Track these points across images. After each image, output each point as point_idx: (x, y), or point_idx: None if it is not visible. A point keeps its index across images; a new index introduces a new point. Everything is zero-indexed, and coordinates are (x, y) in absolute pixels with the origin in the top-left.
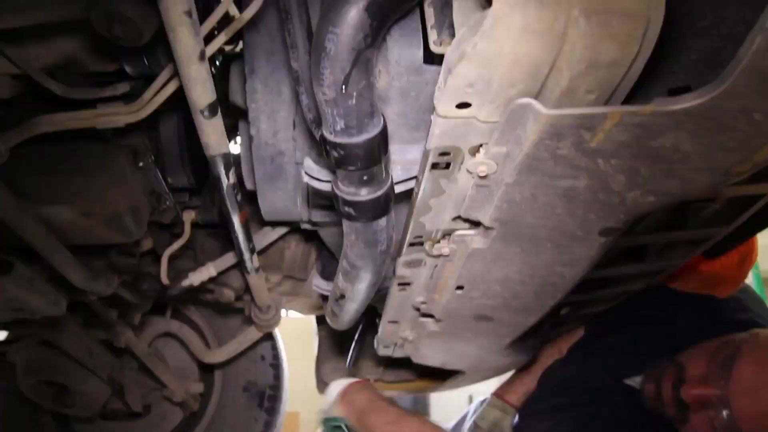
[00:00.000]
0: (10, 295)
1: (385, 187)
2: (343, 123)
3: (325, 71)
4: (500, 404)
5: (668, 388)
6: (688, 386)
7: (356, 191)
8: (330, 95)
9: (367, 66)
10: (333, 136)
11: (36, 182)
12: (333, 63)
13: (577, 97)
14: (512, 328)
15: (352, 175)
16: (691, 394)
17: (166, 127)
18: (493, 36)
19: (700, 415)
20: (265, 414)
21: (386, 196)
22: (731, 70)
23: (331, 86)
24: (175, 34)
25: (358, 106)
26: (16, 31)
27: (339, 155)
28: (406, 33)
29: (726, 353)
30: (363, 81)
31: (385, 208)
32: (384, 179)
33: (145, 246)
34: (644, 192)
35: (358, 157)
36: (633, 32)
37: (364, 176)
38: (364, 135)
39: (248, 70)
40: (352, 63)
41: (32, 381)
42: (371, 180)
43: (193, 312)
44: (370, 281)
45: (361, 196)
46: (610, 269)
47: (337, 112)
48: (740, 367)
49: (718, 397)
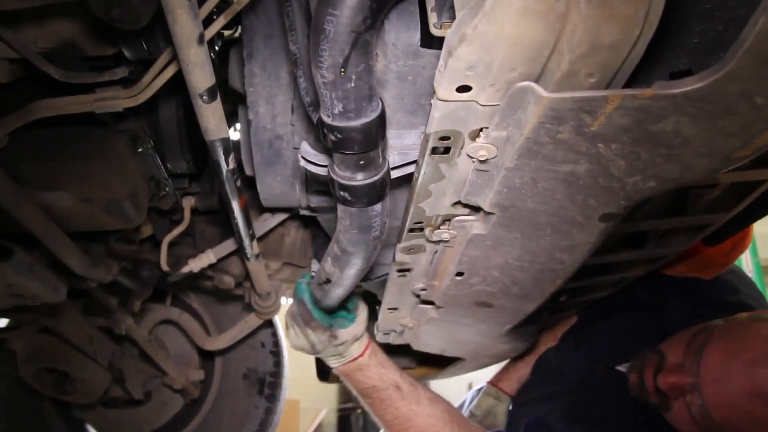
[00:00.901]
0: (10, 281)
1: (381, 172)
2: (341, 106)
3: (324, 53)
4: (494, 392)
5: (649, 377)
6: (664, 374)
7: (352, 176)
8: (329, 78)
9: (366, 48)
10: (331, 119)
11: (35, 168)
12: (332, 45)
13: (577, 80)
14: (512, 315)
15: (348, 159)
16: (666, 382)
17: (165, 112)
18: (494, 18)
19: (679, 402)
20: (266, 401)
21: (382, 182)
22: (733, 53)
23: (330, 69)
24: (173, 17)
25: (357, 90)
26: (13, 15)
27: (336, 139)
28: (403, 16)
29: (700, 340)
30: (362, 64)
31: (381, 194)
32: (381, 164)
33: (144, 232)
34: (645, 177)
35: (355, 141)
36: (635, 14)
37: (361, 161)
38: (363, 119)
39: (246, 54)
40: (351, 45)
41: (33, 368)
42: (368, 165)
43: (193, 299)
44: (359, 267)
45: (357, 181)
46: (609, 256)
47: (336, 95)
48: (708, 355)
49: (691, 385)
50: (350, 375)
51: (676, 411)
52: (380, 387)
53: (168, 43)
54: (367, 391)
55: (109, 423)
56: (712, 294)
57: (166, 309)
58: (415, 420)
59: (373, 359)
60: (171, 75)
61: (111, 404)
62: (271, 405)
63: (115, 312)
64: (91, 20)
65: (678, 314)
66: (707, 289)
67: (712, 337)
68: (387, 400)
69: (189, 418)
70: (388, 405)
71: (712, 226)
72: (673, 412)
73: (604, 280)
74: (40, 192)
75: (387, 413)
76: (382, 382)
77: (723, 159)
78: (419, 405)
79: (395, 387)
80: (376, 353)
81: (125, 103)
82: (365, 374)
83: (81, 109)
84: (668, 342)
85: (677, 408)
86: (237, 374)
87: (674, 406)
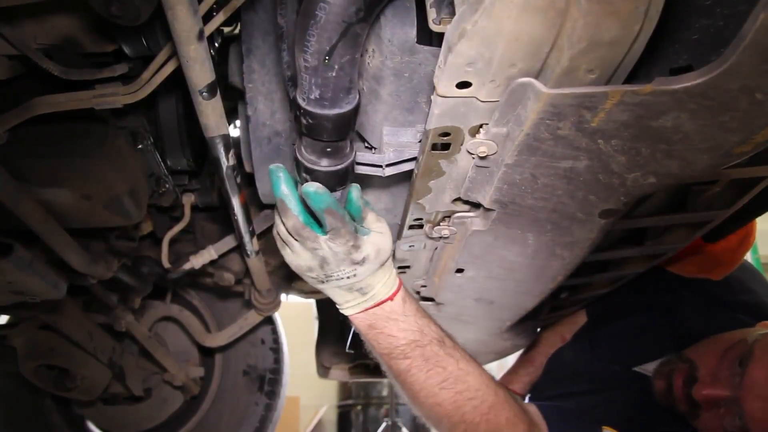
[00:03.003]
0: (10, 278)
1: (346, 162)
2: (318, 93)
3: (312, 39)
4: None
5: (679, 385)
6: (700, 386)
7: (317, 160)
8: (311, 63)
9: (355, 41)
10: (305, 103)
11: (35, 164)
12: (321, 32)
13: (577, 76)
14: (512, 311)
15: (316, 145)
16: (702, 394)
17: (164, 108)
18: (494, 14)
19: (711, 413)
20: (266, 397)
21: (345, 170)
22: (733, 49)
23: (314, 54)
24: (173, 13)
25: (337, 80)
26: (13, 11)
27: (307, 123)
28: (399, 12)
29: (738, 353)
30: (347, 55)
31: (343, 180)
32: (347, 153)
33: (144, 229)
34: (645, 173)
35: (325, 129)
36: (635, 10)
37: (328, 148)
38: (337, 109)
39: (245, 50)
40: (340, 35)
41: (33, 365)
42: (334, 153)
43: (193, 296)
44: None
45: (321, 166)
46: (609, 252)
47: (315, 82)
48: (753, 371)
49: (730, 398)
50: (377, 327)
51: (705, 420)
52: (423, 342)
53: (167, 40)
54: (405, 351)
55: (109, 419)
56: (724, 294)
57: (166, 306)
58: (468, 380)
59: (409, 306)
60: (171, 71)
61: (111, 401)
62: (271, 402)
63: (115, 309)
64: (91, 16)
65: (691, 315)
66: (719, 289)
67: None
68: (431, 358)
69: (189, 414)
70: (434, 365)
71: (712, 223)
72: (702, 421)
73: (604, 277)
74: (39, 188)
75: (433, 375)
76: (423, 335)
77: (723, 155)
78: (469, 363)
79: (439, 341)
80: (410, 297)
81: (125, 100)
82: (399, 326)
83: (80, 106)
84: (696, 349)
85: (707, 418)
86: (237, 371)
87: (704, 416)
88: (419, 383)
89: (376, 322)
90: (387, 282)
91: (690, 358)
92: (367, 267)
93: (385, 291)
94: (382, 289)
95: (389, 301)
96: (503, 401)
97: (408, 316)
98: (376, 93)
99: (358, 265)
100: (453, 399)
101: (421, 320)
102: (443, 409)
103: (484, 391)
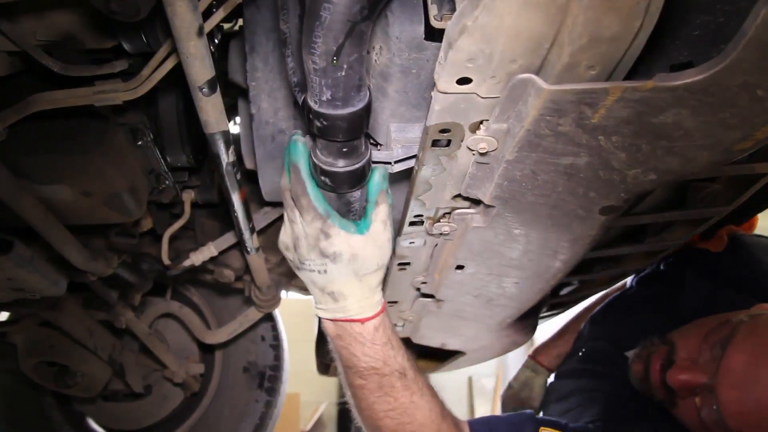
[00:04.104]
0: (10, 274)
1: (363, 160)
2: (329, 94)
3: (318, 40)
4: (532, 365)
5: (656, 370)
6: (675, 370)
7: (334, 162)
8: (320, 65)
9: (361, 39)
10: (318, 105)
11: (34, 161)
12: (327, 33)
13: (578, 72)
14: (512, 308)
15: (332, 146)
16: (676, 379)
17: (164, 105)
18: (494, 9)
19: (688, 401)
20: (266, 394)
21: (363, 169)
22: (734, 45)
23: (322, 56)
24: (173, 9)
25: (347, 79)
26: (12, 7)
27: (321, 125)
28: (407, 8)
29: (720, 335)
30: (355, 54)
31: (361, 180)
32: (363, 152)
33: (144, 226)
34: (645, 170)
35: (340, 129)
36: (635, 6)
37: (344, 148)
38: (350, 108)
39: (248, 48)
40: (346, 34)
41: (33, 361)
42: (351, 152)
43: (193, 293)
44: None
45: (338, 167)
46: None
47: (325, 83)
48: (731, 356)
49: (706, 386)
50: (343, 340)
51: (682, 410)
52: (383, 371)
53: (167, 36)
54: (362, 372)
55: (110, 416)
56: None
57: (167, 302)
58: (416, 414)
59: (381, 335)
60: (170, 68)
61: (111, 397)
62: (271, 398)
63: (116, 305)
64: (91, 13)
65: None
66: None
67: (736, 334)
68: (386, 387)
69: (189, 411)
70: (386, 393)
71: (711, 220)
72: (679, 411)
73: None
74: (39, 185)
75: (382, 402)
76: (386, 366)
77: (724, 151)
78: (422, 397)
79: (400, 374)
80: (385, 327)
81: (124, 96)
82: (364, 350)
83: (80, 102)
84: (680, 331)
85: (684, 407)
86: (237, 368)
87: (681, 404)
88: (367, 404)
89: (343, 335)
90: (364, 303)
91: (671, 340)
92: (338, 268)
93: (359, 311)
94: (355, 305)
95: (360, 323)
96: None
97: (375, 345)
98: (383, 90)
99: (328, 260)
100: (394, 428)
101: (388, 352)
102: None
103: (427, 427)
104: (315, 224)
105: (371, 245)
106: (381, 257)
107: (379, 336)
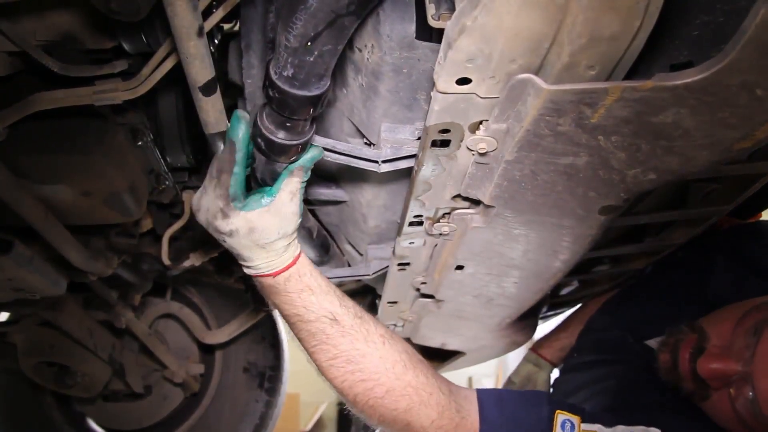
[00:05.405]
0: (10, 274)
1: (302, 139)
2: (291, 72)
3: (298, 22)
4: (534, 358)
5: (685, 359)
6: (706, 358)
7: (275, 131)
8: (293, 44)
9: (340, 32)
10: (276, 77)
11: (34, 161)
12: (308, 18)
13: (577, 72)
14: (512, 308)
15: (277, 117)
16: (707, 368)
17: (164, 105)
18: (494, 9)
19: (721, 393)
20: (266, 394)
21: (299, 147)
22: (734, 45)
23: (297, 37)
24: (173, 8)
25: (313, 65)
26: (12, 7)
27: (273, 96)
28: (398, 7)
29: (754, 321)
30: (329, 45)
31: (295, 155)
32: (305, 132)
33: (144, 226)
34: (645, 169)
35: (289, 106)
36: (635, 6)
37: (288, 123)
38: (305, 92)
39: (244, 46)
40: (327, 24)
41: (33, 361)
42: (293, 129)
43: (193, 293)
44: None
45: (277, 137)
46: (608, 249)
47: (291, 61)
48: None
49: (740, 374)
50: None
51: (714, 402)
52: (307, 318)
53: (167, 36)
54: (291, 321)
55: (110, 416)
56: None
57: (167, 303)
58: (362, 363)
59: (293, 285)
60: (170, 67)
61: (111, 398)
62: (271, 398)
63: (116, 306)
64: (91, 13)
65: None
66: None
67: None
68: (318, 334)
69: (189, 411)
70: (322, 341)
71: (711, 220)
72: (711, 403)
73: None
74: (39, 185)
75: (321, 352)
76: (309, 312)
77: (723, 151)
78: (368, 344)
79: (330, 319)
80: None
81: (124, 96)
82: (282, 298)
83: (80, 102)
84: (710, 318)
85: (717, 399)
86: (237, 368)
87: (714, 396)
88: (310, 354)
89: (263, 287)
90: (271, 263)
91: (701, 327)
92: (236, 240)
93: (268, 268)
94: (263, 265)
95: (271, 276)
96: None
97: (290, 294)
98: (375, 88)
99: (225, 235)
100: (343, 378)
101: (307, 298)
102: (337, 386)
103: (383, 375)
104: (218, 202)
105: (271, 216)
106: (282, 227)
107: (292, 285)
